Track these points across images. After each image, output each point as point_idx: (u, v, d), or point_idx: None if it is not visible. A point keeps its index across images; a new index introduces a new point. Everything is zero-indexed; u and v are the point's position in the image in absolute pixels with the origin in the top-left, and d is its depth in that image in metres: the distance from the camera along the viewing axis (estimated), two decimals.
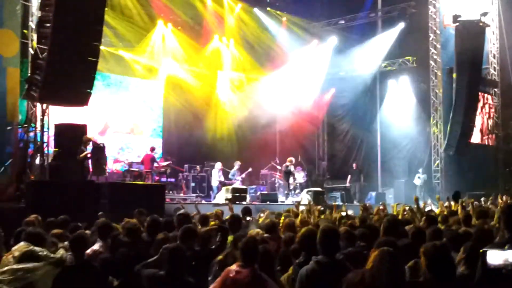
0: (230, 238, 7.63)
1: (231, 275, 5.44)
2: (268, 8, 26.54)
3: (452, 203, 14.36)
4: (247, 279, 5.35)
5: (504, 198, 14.50)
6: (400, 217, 10.86)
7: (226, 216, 10.31)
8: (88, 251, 7.35)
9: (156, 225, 8.11)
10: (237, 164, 23.01)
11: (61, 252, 6.73)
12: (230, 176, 22.73)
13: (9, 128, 15.47)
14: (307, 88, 27.91)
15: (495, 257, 4.48)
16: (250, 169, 23.60)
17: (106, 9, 15.68)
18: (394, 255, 4.64)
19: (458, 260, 5.67)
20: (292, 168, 22.15)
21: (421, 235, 7.19)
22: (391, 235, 6.80)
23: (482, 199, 16.67)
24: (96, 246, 7.60)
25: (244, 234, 7.33)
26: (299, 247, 6.34)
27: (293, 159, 22.04)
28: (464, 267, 5.47)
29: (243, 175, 22.99)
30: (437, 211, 13.48)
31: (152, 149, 20.95)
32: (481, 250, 4.69)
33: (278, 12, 26.74)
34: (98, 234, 7.78)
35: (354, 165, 25.24)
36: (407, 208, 12.90)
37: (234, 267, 5.50)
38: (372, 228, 7.56)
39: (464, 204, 13.89)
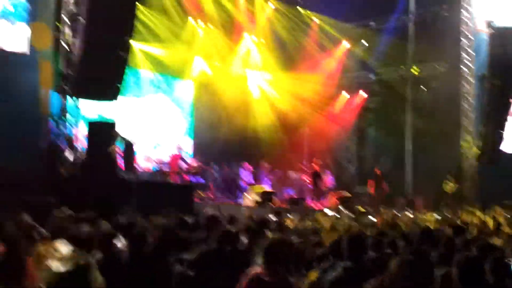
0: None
1: (255, 277, 5.31)
2: (298, 7, 26.38)
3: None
4: (272, 282, 5.23)
5: None
6: (432, 226, 10.77)
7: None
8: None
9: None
10: (264, 165, 22.94)
11: None
12: (258, 176, 22.69)
13: (41, 121, 15.47)
14: (337, 91, 27.76)
15: None
16: (278, 171, 23.49)
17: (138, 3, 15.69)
18: (413, 262, 4.65)
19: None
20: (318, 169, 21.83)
21: (452, 244, 7.14)
22: (424, 244, 6.79)
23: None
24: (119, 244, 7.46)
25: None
26: (328, 252, 6.33)
27: (319, 160, 21.69)
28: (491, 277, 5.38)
29: (272, 176, 22.92)
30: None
31: (179, 148, 20.94)
32: (506, 260, 4.76)
33: (309, 12, 26.57)
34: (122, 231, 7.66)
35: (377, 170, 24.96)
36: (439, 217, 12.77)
37: (258, 269, 5.39)
38: (402, 236, 7.54)
39: (495, 215, 13.71)
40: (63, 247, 6.31)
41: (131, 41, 16.14)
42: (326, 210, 12.91)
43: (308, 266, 6.49)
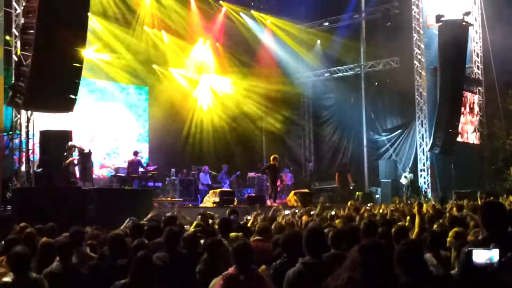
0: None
1: (230, 277, 5.41)
2: (252, 11, 26.59)
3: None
4: (245, 280, 5.34)
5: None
6: (388, 216, 10.95)
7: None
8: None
9: (139, 230, 8.12)
10: (225, 167, 23.08)
11: None
12: (218, 179, 22.77)
13: None
14: (294, 89, 28.09)
15: (480, 256, 4.48)
16: (238, 172, 23.65)
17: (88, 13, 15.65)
18: (380, 246, 4.58)
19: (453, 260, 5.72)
20: (276, 166, 21.58)
21: (404, 233, 7.26)
22: (371, 235, 6.85)
23: (465, 201, 16.68)
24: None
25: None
26: (282, 249, 6.34)
27: (277, 156, 21.65)
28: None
29: (232, 178, 23.04)
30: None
31: (136, 153, 20.96)
32: (466, 249, 4.68)
33: (263, 14, 26.81)
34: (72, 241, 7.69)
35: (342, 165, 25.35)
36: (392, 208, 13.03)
37: (231, 269, 5.48)
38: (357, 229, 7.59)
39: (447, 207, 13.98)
40: None
41: (86, 51, 16.09)
42: (285, 210, 12.93)
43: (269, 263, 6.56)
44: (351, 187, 23.97)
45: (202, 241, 7.62)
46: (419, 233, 7.52)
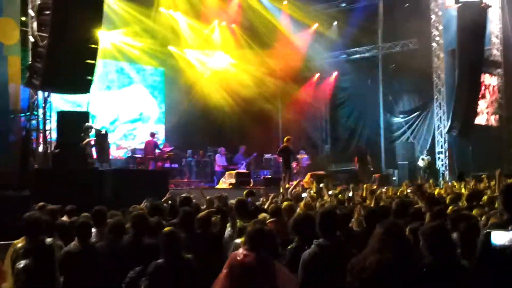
0: (239, 223, 7.61)
1: (238, 258, 5.47)
2: None
3: (456, 184, 14.43)
4: (254, 262, 5.37)
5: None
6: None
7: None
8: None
9: (157, 210, 8.13)
10: (242, 148, 23.07)
11: None
12: (234, 160, 22.80)
13: (12, 116, 15.42)
14: (310, 72, 27.92)
15: (500, 238, 4.44)
16: (255, 154, 23.63)
17: None
18: (399, 229, 4.67)
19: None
20: (290, 148, 21.41)
21: (420, 215, 7.23)
22: (401, 217, 6.84)
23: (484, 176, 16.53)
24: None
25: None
26: (293, 232, 6.34)
27: (290, 137, 21.43)
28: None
29: (248, 159, 23.04)
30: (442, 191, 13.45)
31: (152, 135, 21.01)
32: (485, 231, 4.64)
33: None
34: (93, 221, 7.72)
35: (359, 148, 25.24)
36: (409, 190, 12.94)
37: (240, 250, 5.54)
38: (375, 210, 7.57)
39: (467, 184, 13.91)
40: None
41: (101, 32, 16.09)
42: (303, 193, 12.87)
43: (285, 245, 6.57)
44: (372, 169, 23.84)
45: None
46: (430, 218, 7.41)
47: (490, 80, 26.17)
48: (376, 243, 4.58)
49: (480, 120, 25.09)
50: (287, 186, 15.13)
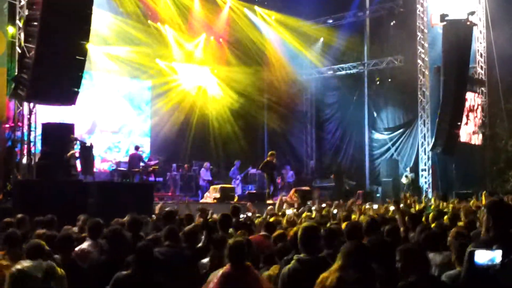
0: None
1: (224, 274, 5.45)
2: (256, 7, 26.55)
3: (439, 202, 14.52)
4: (240, 276, 5.39)
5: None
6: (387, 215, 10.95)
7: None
8: (76, 249, 7.33)
9: (137, 225, 8.11)
10: (237, 163, 23.06)
11: None
12: (230, 174, 22.81)
13: None
14: (296, 86, 28.09)
15: (483, 256, 4.47)
16: (250, 168, 23.62)
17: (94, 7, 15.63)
18: (360, 247, 4.74)
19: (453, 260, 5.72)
20: (273, 163, 21.42)
21: (396, 232, 7.26)
22: (373, 234, 6.85)
23: (470, 199, 16.67)
24: (84, 245, 7.50)
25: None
26: (291, 246, 6.36)
27: (274, 152, 21.50)
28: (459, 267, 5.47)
29: (243, 174, 23.08)
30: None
31: (137, 148, 20.99)
32: (468, 250, 4.67)
33: (267, 10, 26.75)
34: (88, 234, 7.71)
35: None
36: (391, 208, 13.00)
37: (226, 268, 5.52)
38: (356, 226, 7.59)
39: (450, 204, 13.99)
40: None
41: (89, 45, 16.09)
42: (287, 210, 12.91)
43: (269, 259, 6.59)
44: (347, 187, 24.01)
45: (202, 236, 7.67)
46: (404, 233, 7.46)
47: (474, 98, 26.36)
48: (340, 260, 4.67)
49: (463, 138, 25.23)
50: (271, 202, 15.19)
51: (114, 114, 23.75)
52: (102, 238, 7.37)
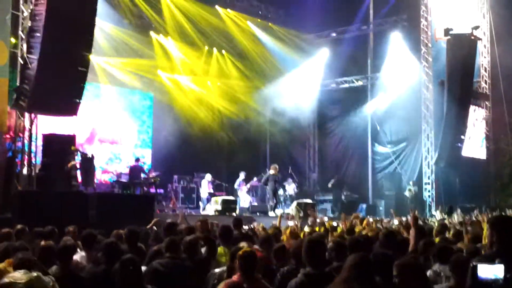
0: (220, 249, 7.54)
1: (234, 285, 5.42)
2: (259, 20, 26.56)
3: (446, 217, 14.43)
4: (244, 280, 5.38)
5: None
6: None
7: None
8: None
9: (135, 237, 8.03)
10: (242, 174, 22.95)
11: None
12: (235, 187, 22.74)
13: None
14: (299, 100, 28.03)
15: (485, 271, 4.46)
16: (254, 179, 23.51)
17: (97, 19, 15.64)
18: (365, 260, 4.70)
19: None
20: (276, 176, 21.46)
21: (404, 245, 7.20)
22: (387, 247, 6.80)
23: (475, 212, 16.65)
24: (77, 257, 7.42)
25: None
26: (292, 258, 6.30)
27: (277, 166, 21.54)
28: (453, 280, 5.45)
29: (249, 185, 22.99)
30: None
31: (137, 160, 20.94)
32: (472, 264, 4.66)
33: (270, 24, 26.75)
34: (83, 244, 7.63)
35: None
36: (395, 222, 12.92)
37: (235, 277, 5.51)
38: (362, 240, 7.52)
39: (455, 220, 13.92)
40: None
41: (91, 56, 16.07)
42: (289, 221, 12.83)
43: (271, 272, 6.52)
44: (344, 201, 24.02)
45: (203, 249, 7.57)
46: (414, 246, 7.41)
47: (478, 112, 26.29)
48: (344, 273, 4.64)
49: (467, 152, 25.13)
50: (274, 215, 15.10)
51: (115, 125, 23.71)
52: (98, 250, 7.30)
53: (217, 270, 6.63)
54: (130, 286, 5.53)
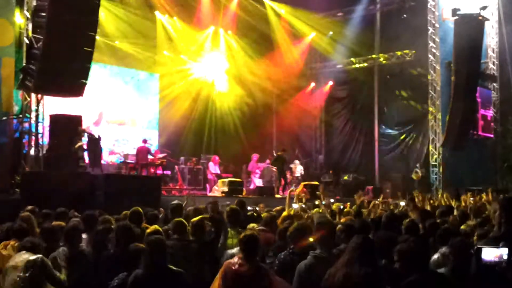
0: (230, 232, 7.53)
1: (233, 267, 5.49)
2: (266, 0, 26.39)
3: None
4: (249, 271, 5.42)
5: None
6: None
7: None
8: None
9: (139, 217, 8.06)
10: (255, 157, 22.94)
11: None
12: (249, 168, 22.74)
13: (4, 118, 15.25)
14: (305, 81, 27.94)
15: (489, 254, 4.51)
16: (267, 161, 23.48)
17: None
18: (367, 242, 4.77)
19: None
20: (284, 158, 21.55)
21: (415, 228, 7.22)
22: (391, 230, 6.81)
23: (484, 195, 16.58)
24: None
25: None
26: (290, 241, 6.31)
27: (285, 148, 21.56)
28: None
29: (262, 166, 23.00)
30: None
31: (145, 141, 20.92)
32: (476, 246, 4.72)
33: (277, 3, 26.57)
34: (84, 226, 7.62)
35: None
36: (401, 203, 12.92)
37: (235, 259, 5.54)
38: (368, 222, 7.55)
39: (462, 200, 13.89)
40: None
41: (97, 36, 16.02)
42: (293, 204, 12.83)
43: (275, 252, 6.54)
44: (342, 183, 24.08)
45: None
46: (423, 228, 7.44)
47: (486, 94, 26.13)
48: (346, 255, 4.74)
49: (474, 133, 25.00)
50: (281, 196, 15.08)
51: (121, 106, 23.72)
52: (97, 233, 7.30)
53: (231, 251, 6.62)
54: (156, 265, 5.54)
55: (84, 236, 7.42)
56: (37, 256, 6.20)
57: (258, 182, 22.58)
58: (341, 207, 11.58)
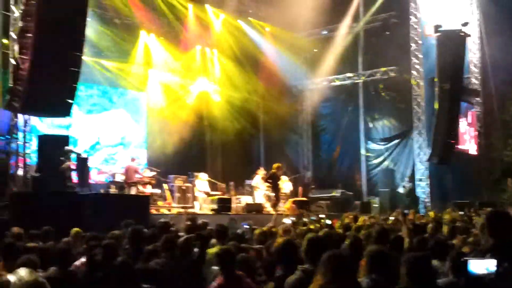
0: (216, 248, 7.57)
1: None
2: (250, 19, 26.57)
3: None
4: (225, 284, 5.57)
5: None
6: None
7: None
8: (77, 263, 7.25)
9: (139, 237, 8.03)
10: (261, 172, 22.74)
11: None
12: (253, 184, 22.53)
13: None
14: (291, 97, 28.09)
15: (477, 265, 4.53)
16: (256, 177, 23.42)
17: (88, 19, 15.61)
18: (341, 256, 4.76)
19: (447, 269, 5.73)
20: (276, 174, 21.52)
21: (400, 242, 7.28)
22: (382, 244, 6.86)
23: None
24: (78, 263, 7.39)
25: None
26: (277, 258, 6.33)
27: (280, 164, 21.49)
28: (452, 276, 5.51)
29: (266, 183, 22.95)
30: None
31: (133, 160, 20.86)
32: (463, 259, 4.74)
33: (261, 22, 26.77)
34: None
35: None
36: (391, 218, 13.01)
37: (219, 278, 5.66)
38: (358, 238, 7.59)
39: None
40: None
41: (84, 56, 16.04)
42: (285, 219, 12.90)
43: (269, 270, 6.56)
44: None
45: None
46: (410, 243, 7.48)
47: (469, 108, 26.39)
48: (320, 270, 4.69)
49: (459, 148, 25.22)
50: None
51: (110, 126, 23.68)
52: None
53: (215, 267, 6.67)
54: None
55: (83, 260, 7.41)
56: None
57: (247, 199, 22.51)
58: (329, 222, 11.68)
